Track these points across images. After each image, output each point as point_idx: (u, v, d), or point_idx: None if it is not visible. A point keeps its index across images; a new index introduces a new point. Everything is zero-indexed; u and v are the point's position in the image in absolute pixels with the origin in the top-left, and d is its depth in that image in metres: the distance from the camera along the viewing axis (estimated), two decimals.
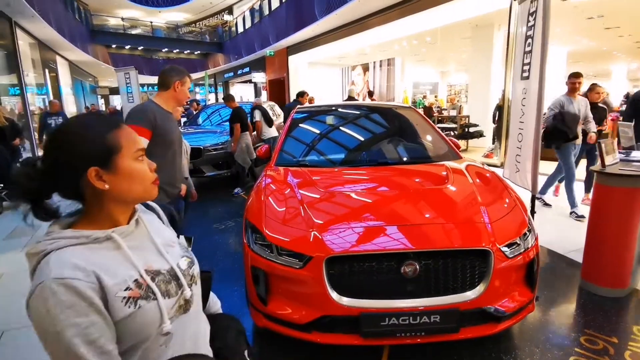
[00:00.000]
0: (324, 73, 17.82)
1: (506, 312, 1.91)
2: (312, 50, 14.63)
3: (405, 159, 3.15)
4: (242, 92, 24.64)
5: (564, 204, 4.61)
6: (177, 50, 24.85)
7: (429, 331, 1.85)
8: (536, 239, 2.10)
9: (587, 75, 4.50)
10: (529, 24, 3.15)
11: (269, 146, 3.45)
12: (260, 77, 18.93)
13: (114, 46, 22.71)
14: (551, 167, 4.97)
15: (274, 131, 7.00)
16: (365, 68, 16.83)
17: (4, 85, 10.12)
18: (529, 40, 3.15)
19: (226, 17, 25.02)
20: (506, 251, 1.93)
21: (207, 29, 26.66)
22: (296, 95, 8.32)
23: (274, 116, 8.16)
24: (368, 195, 2.42)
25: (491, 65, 9.82)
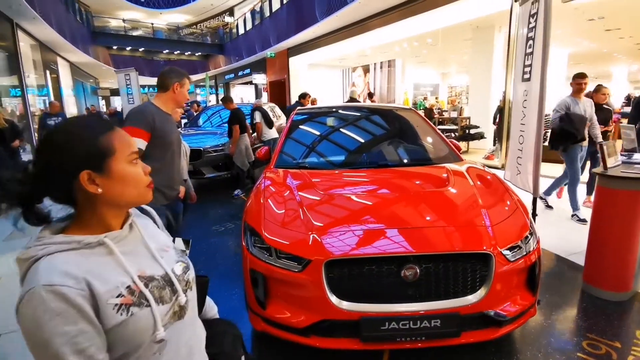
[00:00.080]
0: (325, 74, 17.82)
1: (507, 316, 1.89)
2: (313, 51, 14.62)
3: (405, 161, 3.13)
4: (243, 94, 24.64)
5: (566, 207, 4.58)
6: (178, 51, 24.88)
7: (430, 336, 1.83)
8: (538, 242, 2.08)
9: (588, 77, 4.42)
10: (530, 26, 3.13)
11: (269, 148, 3.43)
12: (260, 79, 18.95)
13: (115, 47, 22.75)
14: (553, 169, 4.95)
15: (274, 132, 6.98)
16: (365, 69, 16.82)
17: (5, 86, 10.13)
18: (530, 41, 3.14)
19: (227, 19, 25.07)
20: (507, 254, 1.91)
21: (208, 31, 26.71)
22: (298, 97, 8.29)
23: (274, 117, 8.14)
24: (368, 197, 2.40)
25: (492, 66, 9.80)
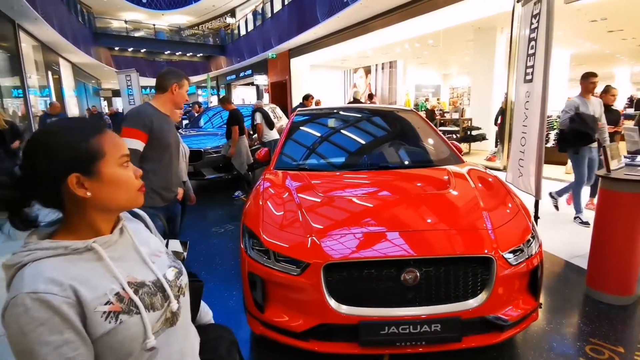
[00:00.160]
0: (326, 75, 17.83)
1: (509, 321, 1.86)
2: (314, 52, 14.62)
3: (406, 163, 3.11)
4: (245, 95, 24.67)
5: (569, 209, 4.54)
6: (180, 52, 24.93)
7: (430, 340, 1.80)
8: (540, 246, 2.05)
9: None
10: (532, 26, 3.11)
11: (268, 150, 3.41)
12: (262, 80, 18.97)
13: (117, 48, 22.83)
14: (555, 171, 4.90)
15: (275, 134, 6.95)
16: (367, 71, 16.82)
17: (7, 87, 10.14)
18: (532, 42, 3.11)
19: (229, 20, 25.13)
20: (509, 258, 1.88)
21: (210, 32, 26.77)
22: (302, 98, 8.26)
23: (275, 119, 8.12)
24: (368, 200, 2.38)
25: (494, 68, 9.78)
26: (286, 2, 14.52)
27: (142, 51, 24.54)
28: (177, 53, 25.04)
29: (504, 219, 2.09)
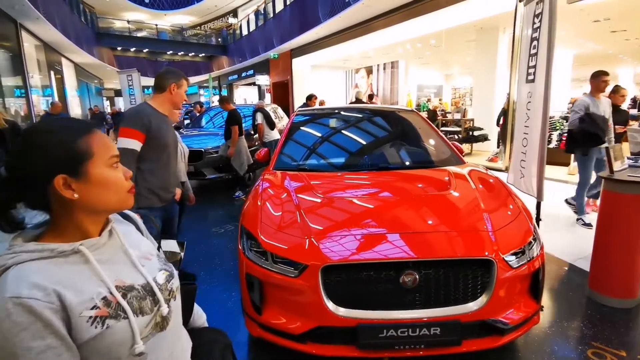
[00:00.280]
0: (328, 76, 17.81)
1: (510, 324, 1.83)
2: (316, 52, 14.61)
3: (406, 164, 3.08)
4: (246, 95, 24.69)
5: (571, 211, 4.51)
6: (182, 52, 24.97)
7: (429, 344, 1.78)
8: (542, 248, 2.02)
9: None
10: (535, 26, 3.08)
11: (268, 150, 3.39)
12: (264, 80, 18.97)
13: (120, 48, 22.88)
14: (558, 171, 4.85)
15: (276, 134, 6.93)
16: (369, 71, 16.79)
17: (10, 87, 10.17)
18: (535, 42, 3.08)
19: (231, 20, 25.16)
20: (510, 261, 1.85)
21: (212, 32, 26.80)
22: (306, 98, 8.23)
23: (277, 119, 8.11)
24: (366, 201, 2.35)
25: (496, 68, 9.73)
26: (288, 2, 14.51)
27: (145, 51, 24.59)
28: (180, 53, 25.08)
29: (505, 221, 2.06)
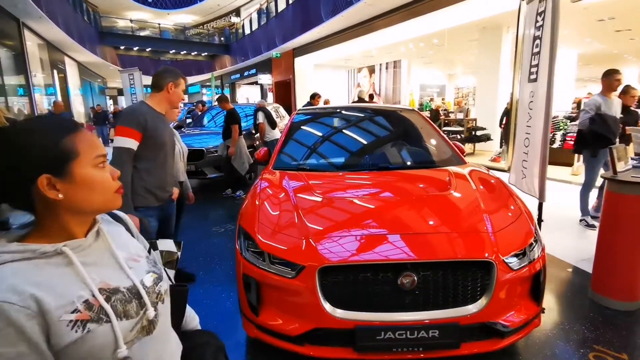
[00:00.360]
0: (330, 75, 17.77)
1: (510, 327, 1.81)
2: (318, 52, 14.58)
3: (406, 164, 3.06)
4: (249, 94, 24.68)
5: (574, 211, 4.46)
6: (185, 51, 24.98)
7: (428, 346, 1.76)
8: (543, 250, 1.99)
9: (597, 79, 4.11)
10: (537, 24, 3.04)
11: (268, 149, 3.36)
12: (266, 79, 18.95)
13: (122, 47, 22.90)
14: (561, 172, 4.81)
15: (278, 133, 6.91)
16: (371, 70, 16.74)
17: (12, 85, 10.19)
18: (537, 41, 3.05)
19: (233, 19, 25.15)
20: (510, 262, 1.83)
21: (215, 31, 26.80)
22: (310, 97, 8.20)
23: (278, 118, 8.08)
24: (365, 201, 2.33)
25: (499, 67, 9.67)
26: (290, 1, 14.49)
27: (148, 50, 24.61)
28: (182, 52, 25.10)
29: (506, 222, 2.03)
